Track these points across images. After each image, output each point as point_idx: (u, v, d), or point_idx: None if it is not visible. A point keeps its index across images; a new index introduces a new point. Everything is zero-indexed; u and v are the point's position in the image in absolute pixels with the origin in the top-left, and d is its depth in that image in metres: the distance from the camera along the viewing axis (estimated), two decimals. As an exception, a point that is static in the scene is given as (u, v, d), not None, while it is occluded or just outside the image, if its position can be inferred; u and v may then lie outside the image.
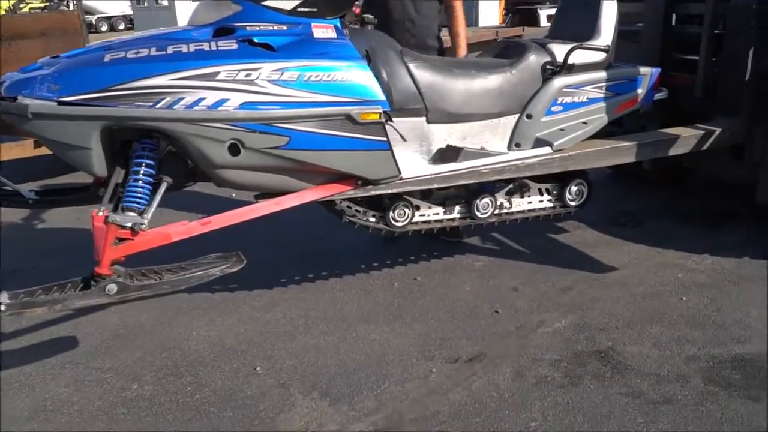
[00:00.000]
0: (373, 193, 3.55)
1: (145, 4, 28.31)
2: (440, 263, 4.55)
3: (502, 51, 3.94)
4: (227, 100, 2.96)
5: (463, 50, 4.47)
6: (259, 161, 3.16)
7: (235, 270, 3.18)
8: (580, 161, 3.88)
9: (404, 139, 3.49)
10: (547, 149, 3.81)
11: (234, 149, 3.08)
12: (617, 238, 4.76)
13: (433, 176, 3.63)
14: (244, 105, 2.99)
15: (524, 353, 3.47)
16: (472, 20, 19.54)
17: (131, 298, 3.09)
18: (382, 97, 3.25)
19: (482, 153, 3.75)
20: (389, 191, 3.58)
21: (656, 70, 4.07)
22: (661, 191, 5.53)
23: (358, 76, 3.18)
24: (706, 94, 4.28)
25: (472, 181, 3.72)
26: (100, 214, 3.06)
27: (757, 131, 4.19)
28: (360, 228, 3.81)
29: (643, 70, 4.03)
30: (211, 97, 2.95)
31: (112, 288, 3.05)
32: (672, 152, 4.08)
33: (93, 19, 29.91)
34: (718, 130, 4.11)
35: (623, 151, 3.98)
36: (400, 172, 3.49)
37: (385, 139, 3.30)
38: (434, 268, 4.47)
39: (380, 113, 3.23)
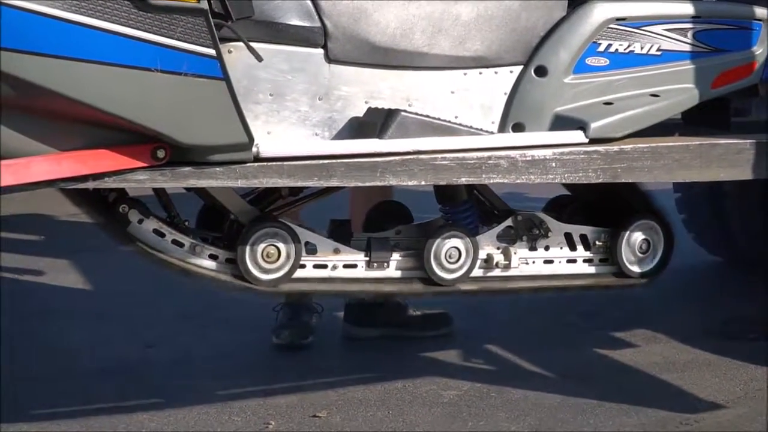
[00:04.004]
0: (189, 184, 2.24)
1: None
2: (374, 389, 3.27)
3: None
4: None
5: None
6: None
7: None
8: (642, 167, 2.70)
9: (260, 59, 2.41)
10: (576, 135, 2.61)
11: None
12: (726, 358, 3.73)
13: (328, 161, 2.34)
14: None
15: None
16: None
17: None
18: None
19: (439, 126, 2.51)
20: (225, 183, 2.27)
21: None
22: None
23: None
24: None
25: (413, 182, 2.43)
26: None
27: None
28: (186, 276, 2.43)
29: (763, 12, 2.90)
30: None
31: None
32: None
33: None
34: None
35: (728, 156, 2.84)
36: (251, 141, 2.26)
37: (212, 53, 2.18)
38: (360, 396, 3.21)
39: None
